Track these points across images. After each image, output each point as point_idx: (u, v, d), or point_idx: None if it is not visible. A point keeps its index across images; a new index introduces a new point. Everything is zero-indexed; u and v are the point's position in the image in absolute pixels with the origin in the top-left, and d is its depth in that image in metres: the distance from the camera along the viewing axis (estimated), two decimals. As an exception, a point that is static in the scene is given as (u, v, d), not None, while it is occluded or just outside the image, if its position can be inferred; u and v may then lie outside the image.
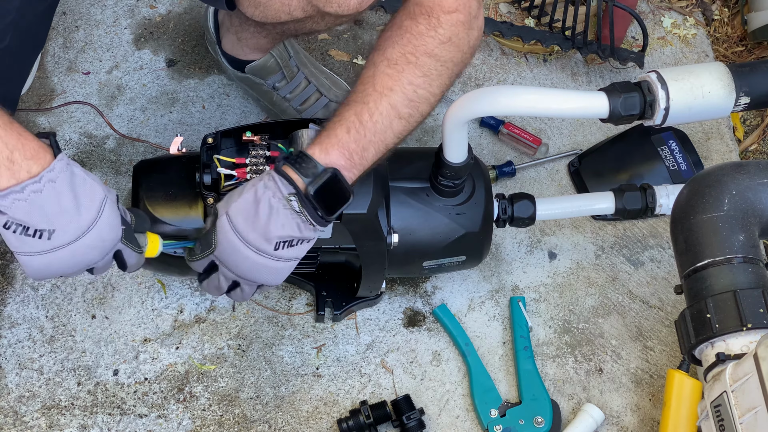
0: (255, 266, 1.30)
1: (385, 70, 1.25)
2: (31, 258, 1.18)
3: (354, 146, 1.27)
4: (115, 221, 1.22)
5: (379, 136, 1.27)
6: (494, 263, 1.78)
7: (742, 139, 2.00)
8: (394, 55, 1.25)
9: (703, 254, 1.37)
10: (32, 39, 1.52)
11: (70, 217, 1.17)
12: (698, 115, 1.46)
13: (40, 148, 1.16)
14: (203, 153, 1.44)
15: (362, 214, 1.42)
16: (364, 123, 1.26)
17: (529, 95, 1.42)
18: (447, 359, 1.70)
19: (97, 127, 1.88)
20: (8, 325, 1.69)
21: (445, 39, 1.26)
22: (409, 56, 1.24)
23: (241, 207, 1.28)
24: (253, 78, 1.82)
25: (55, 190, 1.16)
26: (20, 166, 1.14)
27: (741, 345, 1.32)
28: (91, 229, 1.19)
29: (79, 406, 1.63)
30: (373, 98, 1.26)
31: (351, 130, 1.27)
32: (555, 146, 1.92)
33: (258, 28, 1.73)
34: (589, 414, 1.63)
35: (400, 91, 1.25)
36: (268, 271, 1.31)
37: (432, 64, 1.26)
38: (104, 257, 1.24)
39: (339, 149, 1.27)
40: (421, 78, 1.26)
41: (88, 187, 1.19)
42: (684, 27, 2.09)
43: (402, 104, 1.26)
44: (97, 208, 1.19)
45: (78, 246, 1.19)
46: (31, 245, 1.17)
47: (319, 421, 1.64)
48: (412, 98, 1.25)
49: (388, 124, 1.26)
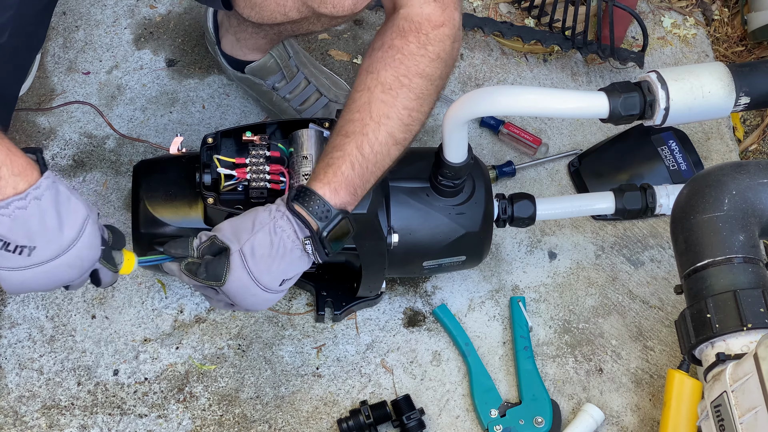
0: (258, 300, 1.33)
1: (380, 96, 1.26)
2: (9, 273, 1.19)
3: (358, 181, 1.30)
4: (95, 241, 1.22)
5: (379, 166, 1.29)
6: (494, 263, 1.78)
7: (742, 139, 2.00)
8: (388, 79, 1.26)
9: (703, 254, 1.37)
10: (31, 37, 1.52)
11: (52, 236, 1.18)
12: (698, 115, 1.46)
13: (27, 164, 1.17)
14: (203, 153, 1.44)
15: (362, 215, 1.42)
16: (366, 156, 1.28)
17: (529, 95, 1.42)
18: (447, 359, 1.70)
19: (97, 127, 1.88)
20: (8, 325, 1.69)
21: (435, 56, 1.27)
22: (402, 79, 1.25)
23: (256, 248, 1.30)
24: (252, 78, 1.82)
25: (39, 208, 1.17)
26: (7, 182, 1.15)
27: (741, 345, 1.32)
28: (71, 248, 1.20)
29: (79, 406, 1.63)
30: (371, 128, 1.27)
31: (355, 165, 1.29)
32: (555, 146, 1.92)
33: (256, 28, 1.73)
34: (589, 414, 1.63)
35: (396, 118, 1.26)
36: (265, 302, 1.35)
37: (424, 85, 1.27)
38: (81, 276, 1.24)
39: (346, 188, 1.30)
40: (415, 101, 1.27)
41: (72, 205, 1.20)
42: (684, 27, 2.09)
43: (398, 130, 1.27)
44: (79, 227, 1.20)
45: (56, 264, 1.20)
46: (10, 261, 1.18)
47: (319, 421, 1.64)
48: (407, 123, 1.27)
49: (387, 152, 1.28)
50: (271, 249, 1.29)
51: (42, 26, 1.56)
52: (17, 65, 1.55)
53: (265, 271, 1.30)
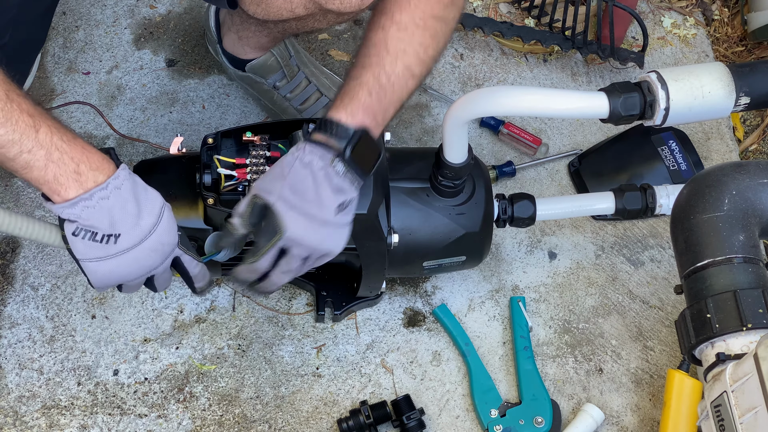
0: (325, 236, 1.33)
1: (396, 34, 1.32)
2: (98, 264, 1.24)
3: (377, 107, 1.32)
4: (173, 226, 1.28)
5: (396, 96, 1.33)
6: (494, 263, 1.78)
7: (742, 139, 2.00)
8: (404, 20, 1.32)
9: (703, 254, 1.37)
10: (32, 38, 1.52)
11: (134, 222, 1.23)
12: (698, 115, 1.46)
13: (103, 159, 1.23)
14: (203, 153, 1.44)
15: (362, 215, 1.42)
16: (383, 85, 1.32)
17: (529, 95, 1.42)
18: (447, 359, 1.70)
19: (97, 127, 1.88)
20: (8, 325, 1.69)
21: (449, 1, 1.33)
22: (418, 21, 1.31)
23: (293, 186, 1.31)
24: (253, 77, 1.82)
25: (120, 197, 1.22)
26: (87, 177, 1.21)
27: (741, 345, 1.32)
28: (152, 233, 1.25)
29: (79, 406, 1.63)
30: (388, 61, 1.32)
31: (372, 92, 1.32)
32: (555, 146, 1.92)
33: (259, 26, 1.73)
34: (589, 414, 1.63)
35: (413, 53, 1.31)
36: (333, 238, 1.35)
37: (438, 26, 1.33)
38: (164, 261, 1.29)
39: (364, 111, 1.32)
40: (430, 39, 1.33)
41: (149, 194, 1.26)
42: (684, 27, 2.09)
43: (415, 65, 1.32)
44: (157, 213, 1.25)
45: (140, 249, 1.24)
46: (98, 251, 1.23)
47: (319, 421, 1.64)
48: (423, 59, 1.32)
49: (404, 84, 1.32)
50: (306, 181, 1.30)
51: (43, 27, 1.56)
52: (18, 66, 1.55)
53: (314, 203, 1.31)
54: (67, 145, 1.20)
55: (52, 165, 1.19)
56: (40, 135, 1.18)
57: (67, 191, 1.20)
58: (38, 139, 1.18)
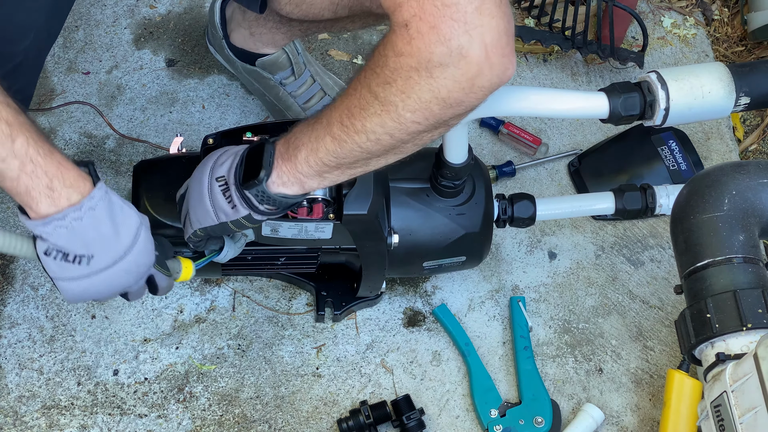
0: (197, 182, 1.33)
1: (346, 89, 1.23)
2: (70, 283, 1.23)
3: (293, 139, 1.27)
4: (149, 247, 1.27)
5: (312, 144, 1.24)
6: (494, 263, 1.78)
7: (742, 139, 2.00)
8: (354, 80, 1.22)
9: (703, 254, 1.37)
10: (50, 36, 1.52)
11: (108, 243, 1.22)
12: (698, 115, 1.46)
13: (79, 176, 1.21)
14: (203, 153, 1.44)
15: (362, 215, 1.42)
16: (308, 125, 1.26)
17: (529, 95, 1.42)
18: (447, 359, 1.70)
19: (97, 127, 1.88)
20: (8, 325, 1.69)
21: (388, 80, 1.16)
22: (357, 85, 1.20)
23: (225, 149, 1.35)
24: (261, 72, 1.82)
25: (94, 218, 1.20)
26: (60, 194, 1.19)
27: (741, 345, 1.32)
28: (127, 255, 1.24)
29: (79, 406, 1.63)
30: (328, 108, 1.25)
31: (301, 125, 1.27)
32: (555, 146, 1.92)
33: (278, 24, 1.72)
34: (589, 414, 1.63)
35: (338, 113, 1.22)
36: (199, 197, 1.33)
37: (371, 100, 1.18)
38: (138, 281, 1.28)
39: (285, 135, 1.28)
40: (357, 109, 1.20)
41: (125, 214, 1.24)
42: (684, 27, 2.09)
43: (336, 125, 1.22)
44: (133, 234, 1.24)
45: (114, 270, 1.23)
46: (70, 271, 1.22)
47: (319, 421, 1.64)
48: (345, 124, 1.21)
49: (323, 135, 1.23)
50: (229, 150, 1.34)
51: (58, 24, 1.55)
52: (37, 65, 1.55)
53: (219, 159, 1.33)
54: (42, 158, 1.18)
55: (25, 177, 1.17)
56: (16, 145, 1.16)
57: (39, 206, 1.18)
58: (14, 149, 1.16)
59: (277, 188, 1.27)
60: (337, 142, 1.22)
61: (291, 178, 1.27)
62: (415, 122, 1.17)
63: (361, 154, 1.23)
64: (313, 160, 1.24)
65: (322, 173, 1.26)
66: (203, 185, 1.32)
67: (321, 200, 1.41)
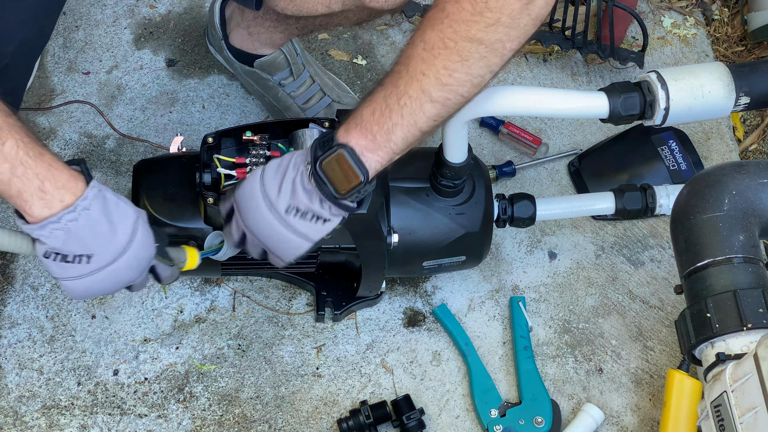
0: (263, 223, 1.30)
1: (420, 53, 1.23)
2: (74, 282, 1.23)
3: (377, 127, 1.25)
4: (148, 240, 1.27)
5: (407, 119, 1.24)
6: (494, 263, 1.78)
7: (742, 139, 2.00)
8: (432, 39, 1.22)
9: (703, 254, 1.37)
10: (41, 36, 1.52)
11: (106, 241, 1.22)
12: (698, 115, 1.46)
13: (71, 177, 1.20)
14: (203, 153, 1.44)
15: (362, 215, 1.42)
16: (390, 105, 1.24)
17: (529, 95, 1.42)
18: (447, 359, 1.70)
19: (97, 126, 1.88)
20: (8, 325, 1.69)
21: (493, 21, 1.21)
22: (447, 41, 1.21)
23: (271, 167, 1.30)
24: (260, 73, 1.82)
25: (90, 218, 1.20)
26: (53, 195, 1.19)
27: (741, 345, 1.32)
28: (127, 251, 1.24)
29: (79, 406, 1.63)
30: (404, 81, 1.24)
31: (376, 111, 1.25)
32: (555, 146, 1.92)
33: (275, 23, 1.72)
34: (589, 414, 1.63)
35: (432, 76, 1.22)
36: (275, 235, 1.30)
37: (473, 48, 1.21)
38: (141, 274, 1.28)
39: (360, 129, 1.26)
40: (458, 62, 1.22)
41: (120, 210, 1.24)
42: (684, 27, 2.09)
43: (435, 88, 1.23)
44: (130, 230, 1.24)
45: (115, 267, 1.24)
46: (72, 271, 1.22)
47: (319, 421, 1.64)
48: (446, 82, 1.22)
49: (419, 106, 1.23)
50: (281, 169, 1.29)
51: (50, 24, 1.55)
52: (27, 65, 1.55)
53: (271, 185, 1.28)
54: (32, 160, 1.17)
55: (16, 180, 1.17)
56: (6, 148, 1.16)
57: (32, 209, 1.18)
58: (3, 152, 1.16)
59: (371, 176, 1.28)
60: (440, 104, 1.24)
61: (385, 160, 1.27)
62: (513, 50, 1.25)
63: (462, 103, 1.27)
64: (412, 134, 1.25)
65: (416, 141, 1.28)
66: (275, 226, 1.29)
67: (321, 200, 1.41)
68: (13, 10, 1.35)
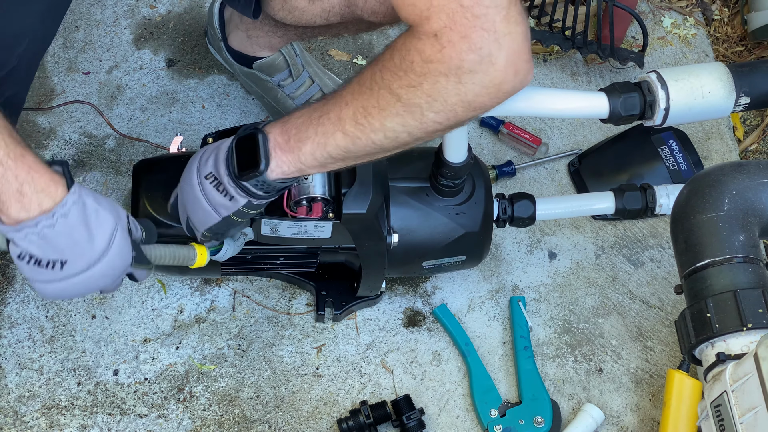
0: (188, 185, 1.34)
1: (354, 85, 1.24)
2: (45, 285, 1.22)
3: (295, 131, 1.27)
4: (125, 249, 1.25)
5: (320, 138, 1.25)
6: (494, 263, 1.78)
7: (742, 139, 2.00)
8: (365, 77, 1.23)
9: (703, 254, 1.37)
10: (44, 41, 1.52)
11: (82, 249, 1.21)
12: (698, 115, 1.46)
13: (51, 180, 1.19)
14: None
15: (362, 214, 1.42)
16: (312, 119, 1.26)
17: (530, 95, 1.42)
18: (447, 359, 1.70)
19: (97, 126, 1.88)
20: (8, 325, 1.69)
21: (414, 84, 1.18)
22: (373, 84, 1.21)
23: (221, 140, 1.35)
24: (259, 74, 1.82)
25: (67, 225, 1.19)
26: (30, 199, 1.18)
27: (741, 345, 1.32)
28: (102, 259, 1.22)
29: (79, 406, 1.63)
30: (332, 103, 1.26)
31: (301, 118, 1.27)
32: (555, 146, 1.92)
33: (274, 28, 1.73)
34: (589, 414, 1.63)
35: (351, 111, 1.23)
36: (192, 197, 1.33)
37: (392, 101, 1.20)
38: (115, 282, 1.28)
39: (282, 126, 1.28)
40: (375, 109, 1.22)
41: (99, 217, 1.22)
42: (684, 27, 2.09)
43: (349, 122, 1.24)
44: (108, 238, 1.22)
45: (89, 275, 1.23)
46: (44, 275, 1.21)
47: (319, 421, 1.64)
48: (360, 122, 1.23)
49: (332, 132, 1.25)
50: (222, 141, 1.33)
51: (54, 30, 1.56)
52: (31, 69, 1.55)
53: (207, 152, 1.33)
54: (13, 162, 1.16)
55: None
56: None
57: (9, 210, 1.17)
58: None
59: (275, 176, 1.28)
60: (350, 139, 1.24)
61: (292, 168, 1.28)
62: (437, 122, 1.21)
63: (374, 150, 1.25)
64: (320, 154, 1.26)
65: (326, 164, 1.28)
66: (194, 188, 1.32)
67: (320, 199, 1.41)
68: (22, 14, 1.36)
